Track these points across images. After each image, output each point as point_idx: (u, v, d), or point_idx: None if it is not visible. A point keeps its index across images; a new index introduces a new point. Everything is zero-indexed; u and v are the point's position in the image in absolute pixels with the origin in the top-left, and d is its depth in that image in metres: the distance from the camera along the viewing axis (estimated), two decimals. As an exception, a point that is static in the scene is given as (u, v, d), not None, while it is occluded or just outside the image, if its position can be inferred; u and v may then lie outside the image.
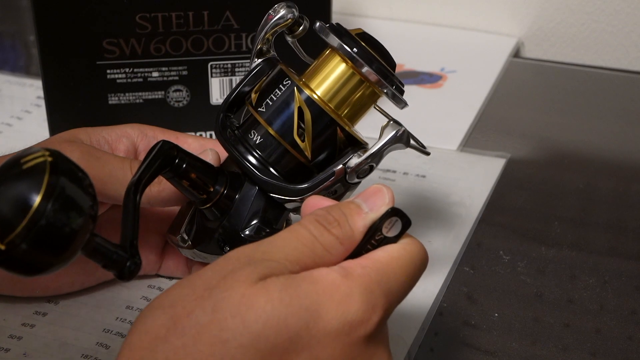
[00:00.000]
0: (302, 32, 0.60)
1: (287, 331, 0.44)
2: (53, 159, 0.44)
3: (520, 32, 1.00)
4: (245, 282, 0.45)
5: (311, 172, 0.58)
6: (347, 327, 0.46)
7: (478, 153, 0.81)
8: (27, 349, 0.61)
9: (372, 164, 0.57)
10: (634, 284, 0.67)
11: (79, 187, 0.44)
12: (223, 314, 0.44)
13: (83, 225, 0.45)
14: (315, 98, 0.57)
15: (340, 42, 0.56)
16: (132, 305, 0.64)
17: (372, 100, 0.58)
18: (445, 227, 0.72)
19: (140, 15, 0.75)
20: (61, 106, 0.78)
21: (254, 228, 0.58)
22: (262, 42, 0.59)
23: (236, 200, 0.58)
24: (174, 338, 0.44)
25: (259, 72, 0.60)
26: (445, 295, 0.66)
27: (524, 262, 0.69)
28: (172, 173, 0.57)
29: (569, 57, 0.99)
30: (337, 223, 0.49)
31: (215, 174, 0.58)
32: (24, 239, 0.43)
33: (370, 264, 0.48)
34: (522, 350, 0.62)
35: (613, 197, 0.77)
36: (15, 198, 0.43)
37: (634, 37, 0.96)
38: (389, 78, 0.56)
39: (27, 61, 0.98)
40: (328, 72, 0.57)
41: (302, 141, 0.57)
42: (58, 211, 0.43)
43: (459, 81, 0.92)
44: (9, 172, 0.44)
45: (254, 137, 0.58)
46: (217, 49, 0.77)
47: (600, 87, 0.96)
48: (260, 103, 0.58)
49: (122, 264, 0.49)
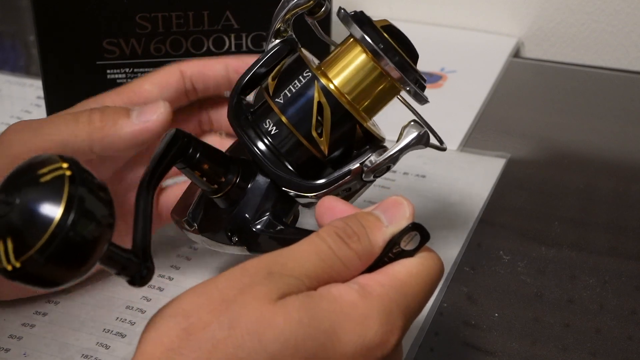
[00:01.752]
0: (322, 14, 0.58)
1: (305, 352, 0.44)
2: (71, 172, 0.43)
3: (520, 32, 1.00)
4: (264, 299, 0.44)
5: (325, 167, 0.57)
6: (364, 349, 0.45)
7: (478, 153, 0.81)
8: (27, 349, 0.61)
9: (390, 164, 0.56)
10: (634, 284, 0.67)
11: (97, 197, 0.43)
12: (240, 332, 0.43)
13: (102, 237, 0.43)
14: (335, 92, 0.55)
15: (363, 35, 0.54)
16: (132, 305, 0.64)
17: (393, 94, 0.57)
18: (445, 227, 0.72)
19: (140, 15, 0.75)
20: (61, 106, 0.77)
21: (265, 222, 0.56)
22: (281, 22, 0.57)
23: (247, 191, 0.56)
24: (189, 351, 0.43)
25: (276, 53, 0.58)
26: (445, 295, 0.66)
27: (524, 262, 0.69)
28: (185, 164, 0.55)
29: (569, 57, 0.99)
30: (357, 237, 0.48)
31: (227, 162, 0.56)
32: (42, 254, 0.42)
33: (389, 281, 0.47)
34: (522, 350, 0.62)
35: (613, 197, 0.77)
36: (35, 213, 0.42)
37: (634, 37, 0.96)
38: (410, 74, 0.54)
39: (27, 61, 0.98)
40: (349, 64, 0.56)
41: (320, 136, 0.55)
42: (78, 226, 0.42)
43: (459, 81, 0.92)
44: (25, 184, 0.42)
45: (269, 127, 0.56)
46: (217, 49, 0.77)
47: (600, 87, 0.96)
48: (277, 93, 0.56)
49: (135, 271, 0.47)
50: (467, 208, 0.74)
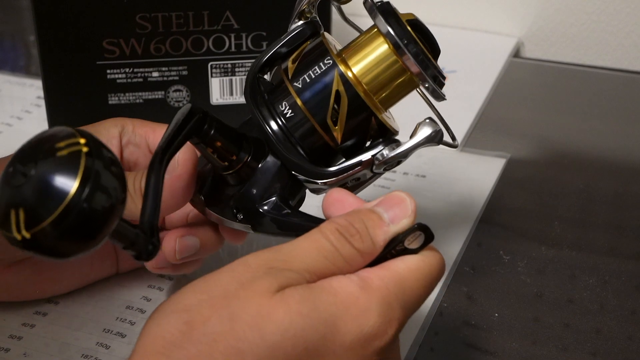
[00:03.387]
0: (348, 0, 0.58)
1: (304, 343, 0.44)
2: (88, 148, 0.43)
3: (520, 32, 1.00)
4: (264, 293, 0.45)
5: (336, 155, 0.56)
6: (362, 340, 0.46)
7: (478, 153, 0.81)
8: (27, 349, 0.61)
9: (401, 159, 0.55)
10: (634, 284, 0.67)
11: (111, 173, 0.43)
12: (241, 325, 0.44)
13: (114, 212, 0.44)
14: (353, 81, 0.55)
15: (387, 27, 0.54)
16: (132, 305, 0.64)
17: (410, 88, 0.57)
18: (445, 227, 0.72)
19: (140, 15, 0.75)
20: (61, 106, 0.78)
21: (272, 204, 0.56)
22: (307, 3, 0.57)
23: (258, 171, 0.56)
24: (189, 345, 0.43)
25: (298, 34, 0.57)
26: (446, 295, 0.66)
27: (524, 262, 0.69)
28: (199, 139, 0.55)
29: (569, 57, 0.99)
30: (359, 235, 0.48)
31: (240, 140, 0.56)
32: (56, 227, 0.42)
33: (389, 275, 0.47)
34: (522, 350, 0.62)
35: (613, 197, 0.77)
36: (50, 186, 0.42)
37: (634, 37, 0.96)
38: (430, 70, 0.54)
39: (27, 61, 0.98)
40: (369, 53, 0.55)
41: (335, 124, 0.55)
42: (93, 200, 0.42)
43: (459, 81, 0.92)
44: (42, 157, 0.43)
45: (284, 109, 0.56)
46: (217, 49, 0.77)
47: (600, 87, 0.96)
48: (297, 77, 0.56)
49: (142, 246, 0.48)
50: (467, 208, 0.74)
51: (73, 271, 0.63)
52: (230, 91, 0.79)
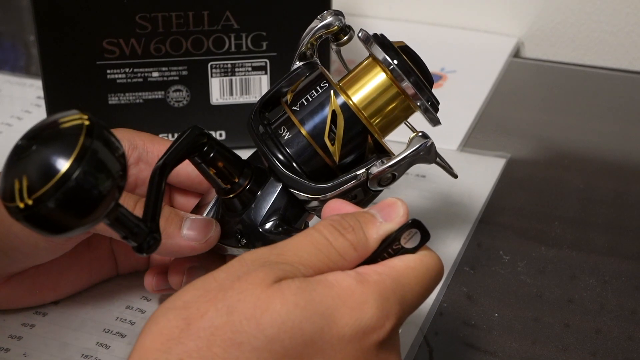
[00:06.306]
0: (347, 41, 0.60)
1: (302, 335, 0.44)
2: (90, 123, 0.44)
3: (520, 32, 1.00)
4: (261, 284, 0.45)
5: (335, 174, 0.58)
6: (360, 333, 0.46)
7: (478, 153, 0.81)
8: (27, 349, 0.61)
9: (395, 172, 0.57)
10: (634, 284, 0.67)
11: (111, 153, 0.44)
12: (238, 317, 0.44)
13: (110, 191, 0.44)
14: (351, 104, 0.57)
15: (385, 56, 0.56)
16: (132, 305, 0.64)
17: (406, 115, 0.59)
18: (445, 227, 0.72)
19: (140, 15, 0.75)
20: (61, 106, 0.78)
21: (273, 224, 0.57)
22: (305, 46, 0.60)
23: (258, 195, 0.58)
24: (188, 340, 0.44)
25: (298, 74, 0.60)
26: (445, 295, 0.66)
27: (524, 262, 0.69)
28: (200, 159, 0.57)
29: (569, 57, 0.99)
30: (352, 229, 0.49)
31: (241, 166, 0.58)
32: (51, 196, 0.43)
33: (386, 270, 0.48)
34: (522, 350, 0.62)
35: (613, 197, 0.77)
36: (49, 156, 0.43)
37: (634, 37, 0.96)
38: (425, 94, 0.57)
39: (27, 61, 0.98)
40: (366, 81, 0.58)
41: (332, 144, 0.57)
42: (88, 174, 0.43)
43: (459, 81, 0.92)
44: (45, 131, 0.44)
45: (283, 133, 0.58)
46: (217, 49, 0.77)
47: (600, 87, 0.96)
48: (295, 102, 0.58)
49: (142, 238, 0.49)
50: (467, 208, 0.74)
51: (72, 278, 0.63)
52: (230, 91, 0.79)
